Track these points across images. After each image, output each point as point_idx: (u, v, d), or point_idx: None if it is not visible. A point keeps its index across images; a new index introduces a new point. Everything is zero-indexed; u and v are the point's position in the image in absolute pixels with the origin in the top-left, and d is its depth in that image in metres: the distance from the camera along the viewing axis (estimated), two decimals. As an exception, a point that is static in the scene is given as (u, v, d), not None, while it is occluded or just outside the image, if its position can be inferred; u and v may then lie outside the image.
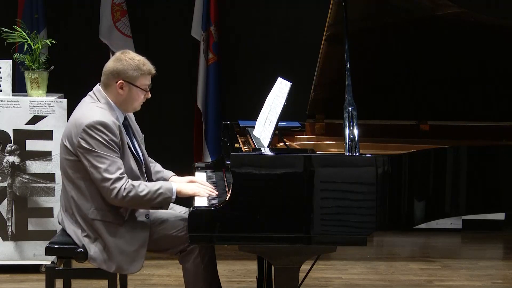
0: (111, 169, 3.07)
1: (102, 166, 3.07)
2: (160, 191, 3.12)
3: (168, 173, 3.55)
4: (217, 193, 3.28)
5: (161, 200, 3.13)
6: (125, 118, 3.33)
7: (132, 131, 3.38)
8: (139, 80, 3.23)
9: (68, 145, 3.17)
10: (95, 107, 3.19)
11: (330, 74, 3.65)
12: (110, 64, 3.25)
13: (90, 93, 3.29)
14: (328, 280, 4.67)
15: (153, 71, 3.29)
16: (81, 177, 3.15)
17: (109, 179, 3.06)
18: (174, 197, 3.16)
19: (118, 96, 3.24)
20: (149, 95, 3.31)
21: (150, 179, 3.40)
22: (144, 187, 3.11)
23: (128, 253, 3.17)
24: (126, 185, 3.07)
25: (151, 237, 3.22)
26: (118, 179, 3.07)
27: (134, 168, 3.24)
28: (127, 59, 3.23)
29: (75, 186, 3.18)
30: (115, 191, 3.06)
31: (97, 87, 3.28)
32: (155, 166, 3.56)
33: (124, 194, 3.06)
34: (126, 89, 3.22)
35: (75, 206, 3.19)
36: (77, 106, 3.28)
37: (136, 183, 3.11)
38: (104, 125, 3.10)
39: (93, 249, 3.17)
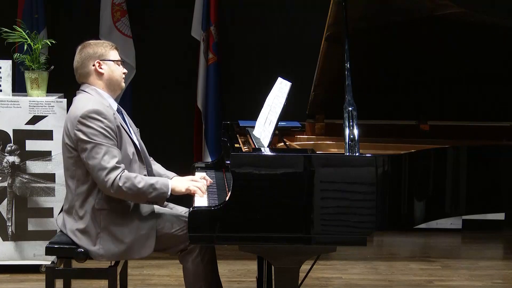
0: (107, 159, 3.08)
1: (98, 156, 3.08)
2: (155, 186, 3.13)
3: (169, 174, 3.55)
4: (211, 181, 3.33)
5: (156, 195, 3.14)
6: (118, 108, 3.35)
7: (127, 121, 3.39)
8: (110, 54, 3.33)
9: (68, 142, 3.19)
10: (86, 99, 3.23)
11: (330, 74, 3.65)
12: (78, 57, 3.33)
13: (78, 91, 3.34)
14: (328, 280, 4.67)
15: (115, 45, 3.40)
16: (86, 172, 3.16)
17: (105, 168, 3.07)
18: (169, 193, 3.17)
19: (101, 78, 3.29)
20: (125, 70, 3.39)
21: (150, 173, 3.40)
22: (140, 179, 3.11)
23: (138, 238, 3.17)
24: (122, 174, 3.08)
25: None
26: (114, 168, 3.08)
27: (132, 152, 3.25)
28: (90, 44, 3.35)
29: (80, 182, 3.19)
30: (110, 181, 3.06)
31: (82, 85, 3.33)
32: (156, 166, 3.56)
33: (120, 184, 3.06)
34: (105, 66, 3.30)
35: (80, 201, 3.19)
36: (71, 105, 3.31)
37: (132, 174, 3.12)
38: (98, 112, 3.13)
39: (98, 245, 3.17)
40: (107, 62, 3.29)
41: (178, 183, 3.24)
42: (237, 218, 2.85)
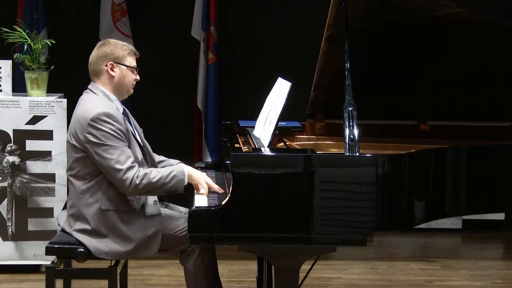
0: (121, 159, 3.08)
1: (112, 157, 3.08)
2: (172, 174, 3.14)
3: (173, 161, 3.54)
4: (222, 191, 3.31)
5: (175, 183, 3.14)
6: (123, 110, 3.35)
7: (132, 124, 3.39)
8: (127, 60, 3.30)
9: (74, 143, 3.18)
10: (95, 100, 3.22)
11: (330, 74, 3.65)
12: (95, 52, 3.31)
13: (86, 90, 3.32)
14: (328, 280, 4.67)
15: (137, 53, 3.36)
16: (92, 172, 3.17)
17: (121, 169, 3.07)
18: (186, 179, 3.17)
19: (111, 81, 3.27)
20: (138, 77, 3.36)
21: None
22: (156, 173, 3.12)
23: (145, 237, 3.18)
24: (138, 173, 3.08)
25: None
26: (130, 168, 3.08)
27: (140, 156, 3.27)
28: (111, 42, 3.32)
29: (86, 182, 3.18)
30: (128, 180, 3.07)
31: (91, 84, 3.32)
32: (157, 157, 3.56)
33: (137, 182, 3.07)
34: (117, 70, 3.27)
35: (86, 201, 3.18)
36: (77, 104, 3.30)
37: (147, 170, 3.13)
38: (109, 115, 3.13)
39: (105, 244, 3.16)
40: (120, 66, 3.28)
41: (194, 171, 3.24)
42: (237, 218, 2.85)
